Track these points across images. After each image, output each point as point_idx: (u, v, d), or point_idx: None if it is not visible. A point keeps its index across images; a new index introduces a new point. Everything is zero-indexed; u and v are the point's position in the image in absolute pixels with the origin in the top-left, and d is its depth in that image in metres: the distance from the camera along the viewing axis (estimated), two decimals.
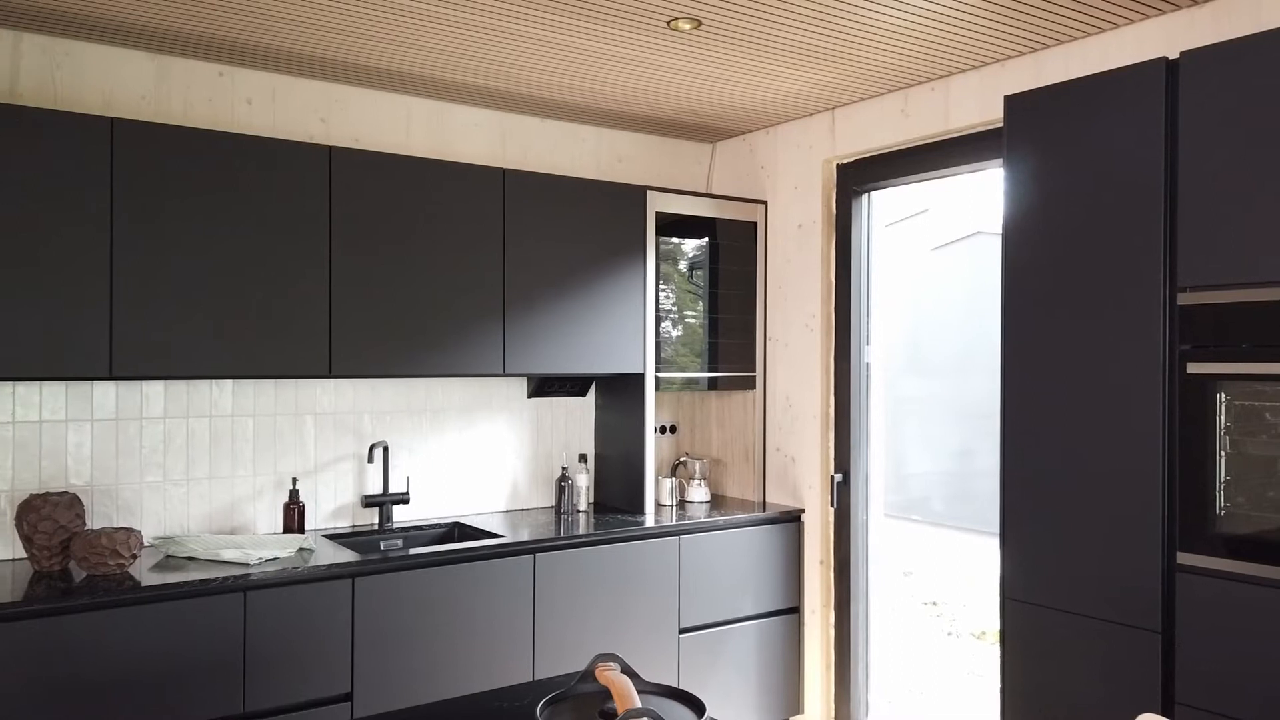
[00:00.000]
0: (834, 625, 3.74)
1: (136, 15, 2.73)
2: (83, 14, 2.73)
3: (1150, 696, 2.20)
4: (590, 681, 1.47)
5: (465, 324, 3.23)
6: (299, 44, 2.97)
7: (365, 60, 3.13)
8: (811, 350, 3.79)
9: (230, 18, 2.74)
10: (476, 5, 2.64)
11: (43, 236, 2.59)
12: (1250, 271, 2.05)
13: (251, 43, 2.96)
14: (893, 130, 3.47)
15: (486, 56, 3.08)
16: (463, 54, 3.05)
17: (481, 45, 2.97)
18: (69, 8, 2.67)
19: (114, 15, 2.73)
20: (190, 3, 2.63)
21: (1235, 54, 2.07)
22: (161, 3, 2.63)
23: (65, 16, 2.75)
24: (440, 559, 2.97)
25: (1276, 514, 2.04)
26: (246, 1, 2.62)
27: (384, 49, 3.01)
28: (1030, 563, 2.45)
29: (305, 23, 2.78)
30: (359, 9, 2.67)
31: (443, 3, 2.63)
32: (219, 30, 2.85)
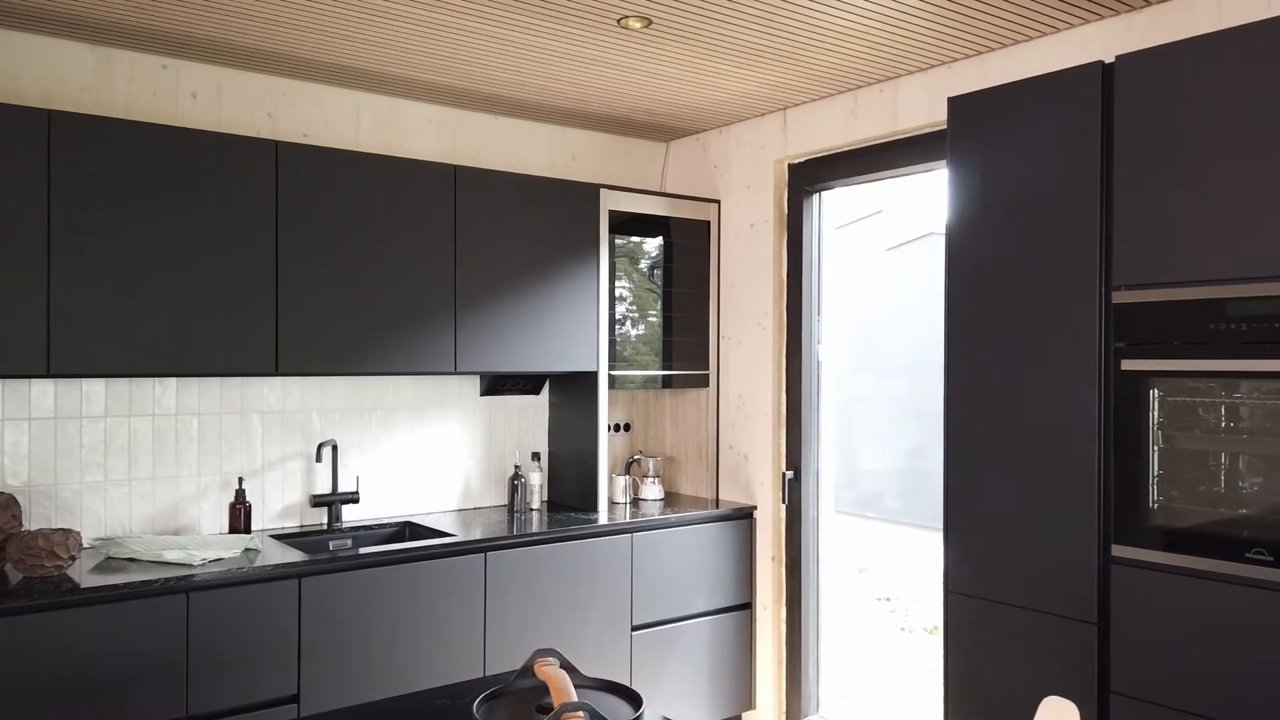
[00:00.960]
0: (785, 621, 3.77)
1: (77, 6, 2.67)
2: (21, 4, 2.66)
3: (1087, 686, 2.25)
4: (529, 677, 1.46)
5: (416, 322, 3.21)
6: (245, 37, 2.93)
7: (314, 55, 3.09)
8: (764, 348, 3.82)
9: (173, 10, 2.70)
10: (426, 1, 2.62)
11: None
12: (1180, 271, 2.10)
13: (196, 35, 2.91)
14: (843, 131, 3.51)
15: (438, 52, 3.06)
16: (414, 50, 3.03)
17: (432, 41, 2.95)
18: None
19: (53, 6, 2.67)
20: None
21: (1167, 58, 2.13)
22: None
23: (3, 6, 2.68)
24: (390, 558, 2.95)
25: (1207, 507, 2.09)
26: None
27: (333, 43, 2.98)
28: (972, 556, 2.49)
29: (251, 16, 2.75)
30: (306, 3, 2.64)
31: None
32: (162, 22, 2.80)
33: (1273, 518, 1.99)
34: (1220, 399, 2.10)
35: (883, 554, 6.86)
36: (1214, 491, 2.11)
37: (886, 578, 6.50)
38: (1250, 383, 2.05)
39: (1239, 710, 2.00)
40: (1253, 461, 2.07)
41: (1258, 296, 1.99)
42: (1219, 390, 2.10)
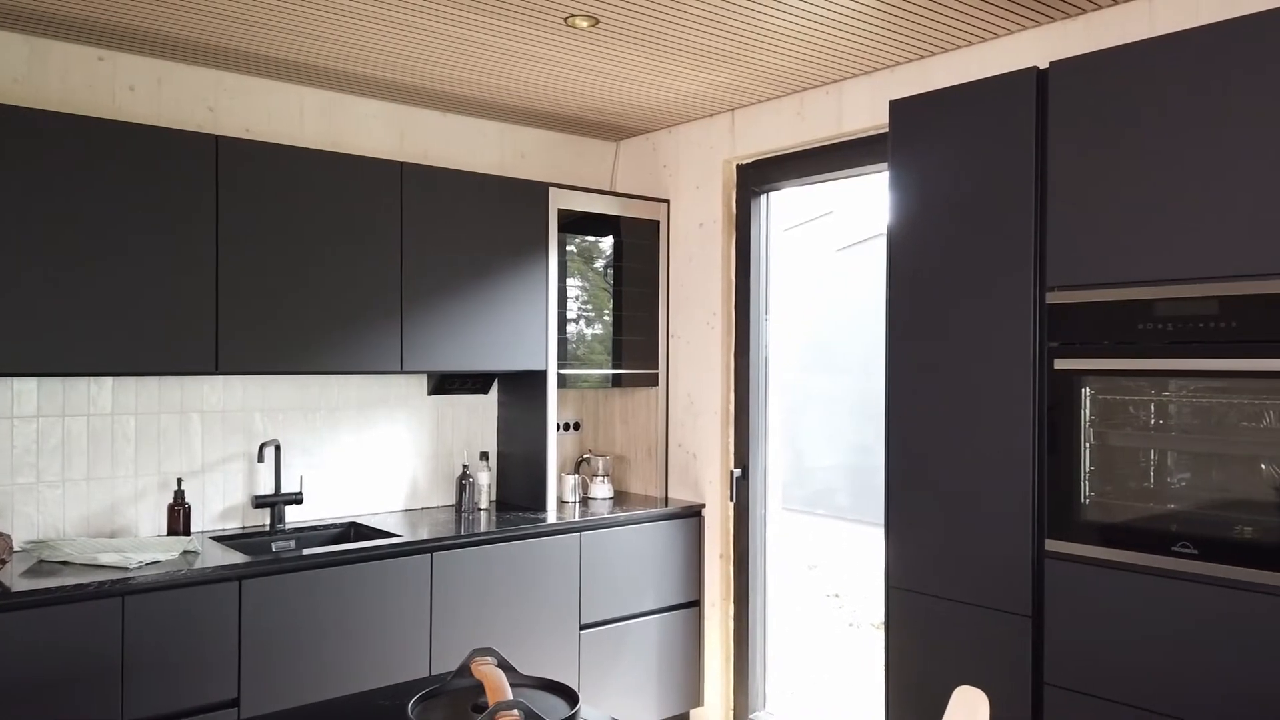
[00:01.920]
0: (733, 618, 3.80)
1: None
2: None
3: (1021, 678, 2.30)
4: (466, 676, 1.46)
5: (361, 320, 3.18)
6: (184, 29, 2.87)
7: (256, 48, 3.04)
8: (712, 348, 3.84)
9: (107, 0, 2.64)
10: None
11: None
12: (1111, 272, 2.16)
13: (132, 27, 2.85)
14: (789, 132, 3.54)
15: (384, 48, 3.03)
16: (359, 45, 3.00)
17: (378, 36, 2.92)
18: None
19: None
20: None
21: (1099, 65, 2.18)
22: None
23: None
24: (334, 560, 2.91)
25: (1136, 502, 2.15)
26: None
27: (275, 37, 2.94)
28: (912, 552, 2.53)
29: (190, 8, 2.69)
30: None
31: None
32: (96, 13, 2.74)
33: (1198, 512, 2.06)
34: (1149, 397, 2.16)
35: (833, 551, 6.94)
36: (1143, 487, 2.17)
37: (836, 574, 6.58)
38: (1178, 381, 2.11)
39: (1166, 700, 2.06)
40: (1180, 458, 2.13)
41: (1184, 298, 2.06)
42: (1148, 388, 2.16)
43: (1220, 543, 2.00)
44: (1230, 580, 1.97)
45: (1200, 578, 2.02)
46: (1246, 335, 1.97)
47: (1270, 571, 1.92)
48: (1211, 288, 2.02)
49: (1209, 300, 2.03)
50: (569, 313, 3.73)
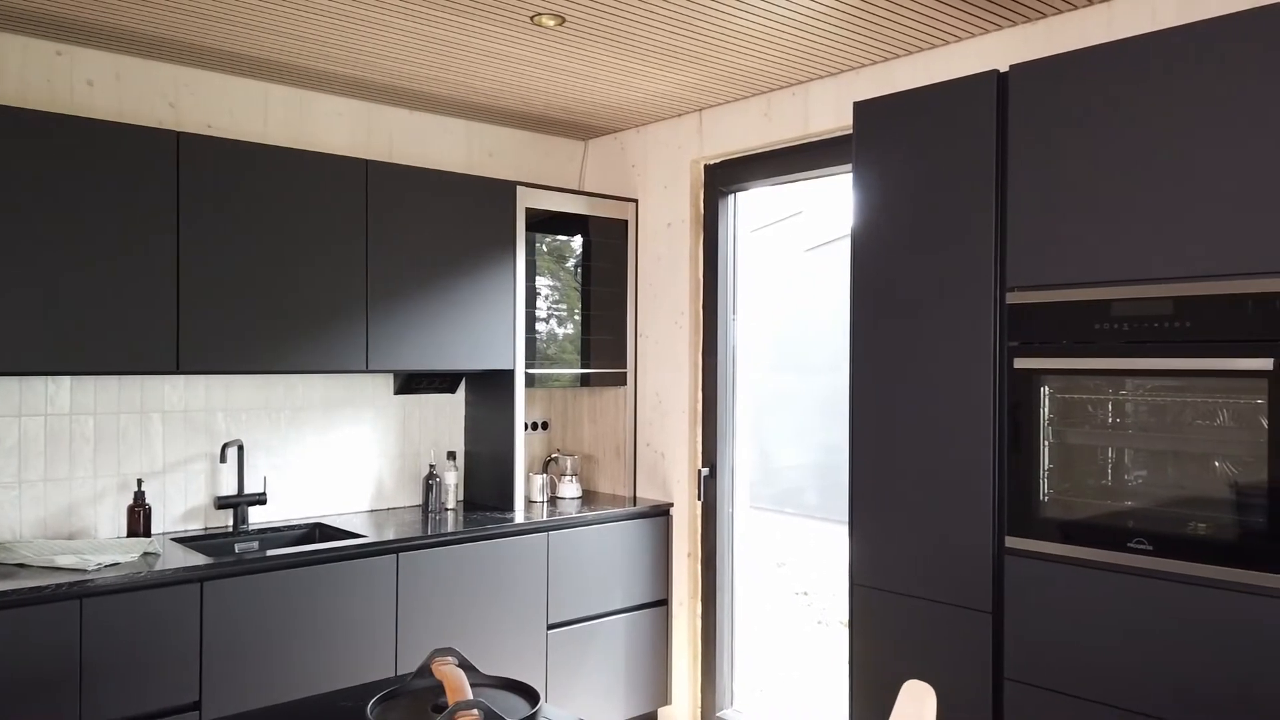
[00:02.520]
0: (701, 616, 3.81)
1: None
2: None
3: (982, 674, 2.32)
4: (427, 677, 1.45)
5: (326, 319, 3.15)
6: (144, 23, 2.83)
7: (218, 44, 3.00)
8: (681, 347, 3.85)
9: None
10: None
11: None
12: (1069, 273, 2.19)
13: (91, 21, 2.80)
14: (757, 133, 3.56)
15: (349, 45, 3.01)
16: (323, 41, 2.97)
17: (343, 33, 2.89)
18: None
19: None
20: None
21: (1056, 69, 2.21)
22: None
23: None
24: (298, 561, 2.89)
25: (1094, 499, 2.19)
26: None
27: (238, 33, 2.90)
28: (876, 549, 2.56)
29: (150, 2, 2.65)
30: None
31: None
32: (54, 7, 2.69)
33: (1154, 509, 2.09)
34: (1107, 396, 2.20)
35: (802, 549, 6.98)
36: (1101, 484, 2.20)
37: (804, 572, 6.62)
38: (1135, 380, 2.15)
39: (1123, 694, 2.09)
40: (1137, 456, 2.17)
41: (1140, 298, 2.09)
42: (1105, 387, 2.19)
43: (1175, 539, 2.03)
44: (1184, 576, 2.01)
45: (1155, 573, 2.05)
46: (1200, 335, 2.00)
47: (1223, 567, 1.96)
48: (1167, 288, 2.05)
49: (1164, 301, 2.06)
50: (538, 312, 3.72)
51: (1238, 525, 1.96)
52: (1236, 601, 1.94)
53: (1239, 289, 1.95)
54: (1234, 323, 1.96)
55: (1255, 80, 1.92)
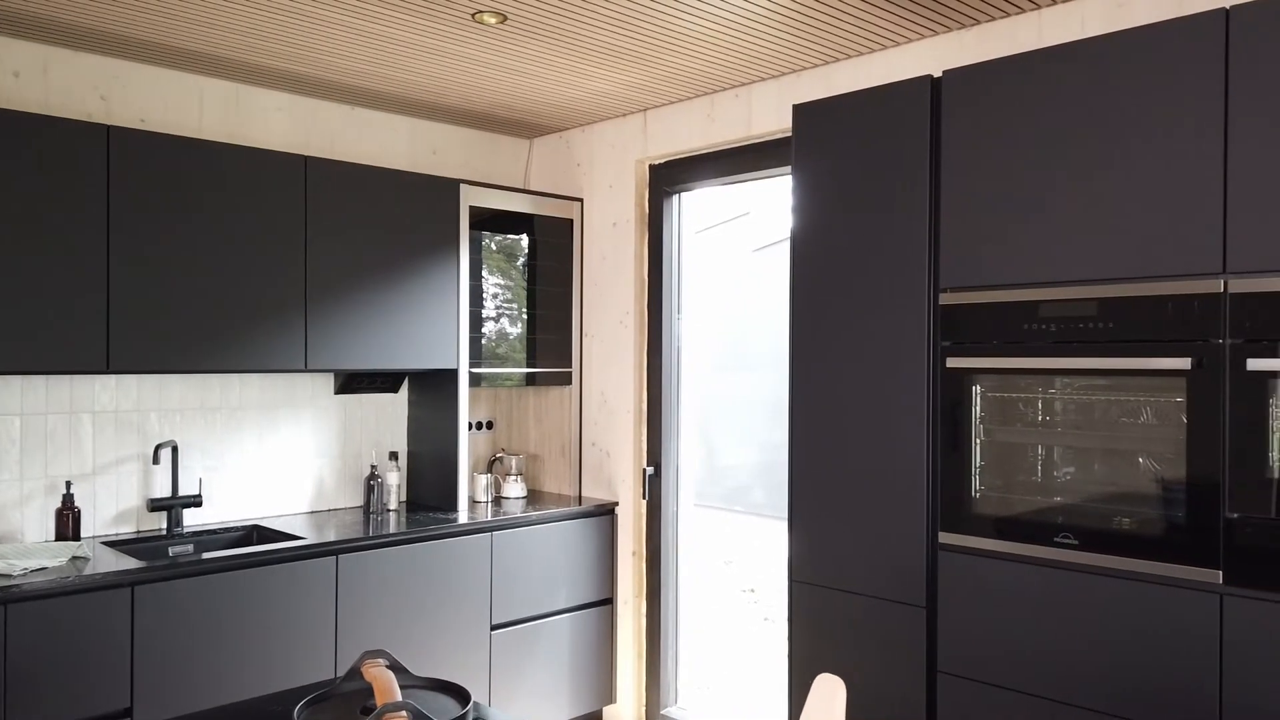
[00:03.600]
0: (646, 615, 3.83)
1: None
2: None
3: (916, 667, 2.37)
4: (357, 679, 1.44)
5: (263, 317, 3.10)
6: (73, 14, 2.75)
7: (152, 36, 2.94)
8: (626, 347, 3.86)
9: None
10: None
11: None
12: (998, 275, 2.24)
13: (17, 10, 2.72)
14: (700, 134, 3.58)
15: (286, 39, 2.96)
16: (260, 35, 2.92)
17: (280, 27, 2.85)
18: None
19: None
20: None
21: (987, 75, 2.26)
22: None
23: None
24: (233, 563, 2.83)
25: (1023, 495, 2.24)
26: None
27: (172, 25, 2.84)
28: (814, 546, 2.59)
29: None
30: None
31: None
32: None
33: (1080, 505, 2.15)
34: (1036, 395, 2.25)
35: (749, 546, 7.04)
36: (1030, 481, 2.26)
37: (751, 570, 6.68)
38: (1063, 379, 2.21)
39: (1050, 685, 2.15)
40: (1065, 453, 2.23)
41: (1066, 299, 2.15)
42: (1035, 386, 2.25)
43: (1099, 533, 2.09)
44: (1108, 569, 2.07)
45: (1080, 567, 2.11)
46: (1123, 335, 2.07)
47: (1145, 560, 2.02)
48: (1091, 290, 2.11)
49: (1089, 302, 2.12)
50: (484, 311, 3.70)
51: (1159, 520, 2.02)
52: (1158, 593, 2.00)
53: (1159, 291, 2.01)
54: (1155, 323, 2.02)
55: (1175, 88, 1.98)
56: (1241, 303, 1.90)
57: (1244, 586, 1.89)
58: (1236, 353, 1.91)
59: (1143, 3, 2.51)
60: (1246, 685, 1.89)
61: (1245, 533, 1.90)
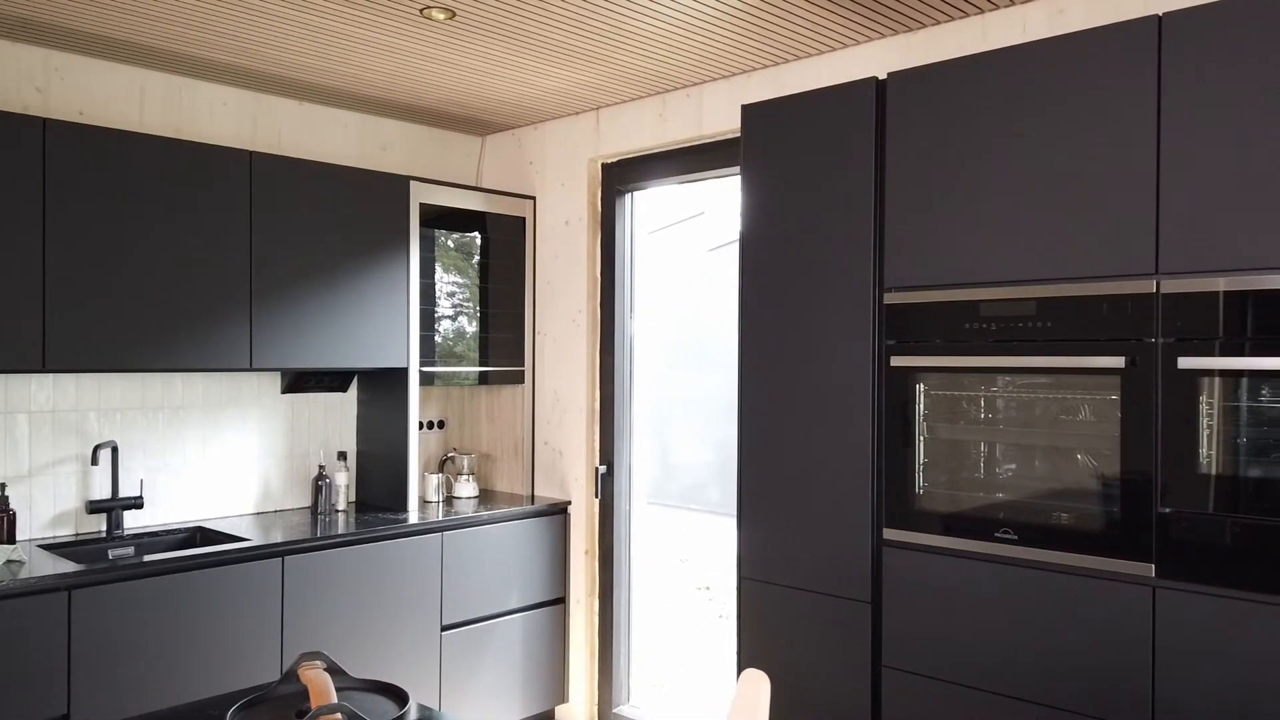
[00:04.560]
0: (598, 614, 3.83)
1: None
2: None
3: (861, 662, 2.40)
4: (293, 682, 1.42)
5: (207, 315, 3.04)
6: (8, 3, 2.68)
7: (91, 27, 2.87)
8: (579, 345, 3.85)
9: None
10: None
11: None
12: (941, 275, 2.28)
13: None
14: (652, 133, 3.59)
15: (230, 31, 2.91)
16: (204, 27, 2.87)
17: (222, 19, 2.80)
18: None
19: None
20: None
21: (930, 77, 2.30)
22: None
23: None
24: (175, 566, 2.78)
25: (966, 492, 2.28)
26: None
27: (111, 16, 2.78)
28: (762, 543, 2.61)
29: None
30: None
31: None
32: None
33: (1020, 501, 2.19)
34: (978, 392, 2.29)
35: (704, 544, 7.07)
36: (973, 477, 2.29)
37: (707, 567, 6.70)
38: (1004, 377, 2.24)
39: (991, 678, 2.18)
40: (1006, 450, 2.27)
41: (1005, 299, 2.19)
42: (977, 384, 2.29)
43: (1038, 528, 2.14)
44: (1046, 563, 2.11)
45: (1019, 561, 2.15)
46: (1061, 335, 2.11)
47: (1081, 554, 2.06)
48: (1030, 290, 2.15)
49: (1028, 302, 2.16)
50: (437, 310, 3.67)
51: (1095, 515, 2.07)
52: (1094, 587, 2.05)
53: (1095, 291, 2.05)
54: (1091, 323, 2.07)
55: (1110, 92, 2.03)
56: (1173, 303, 1.95)
57: (1175, 579, 1.94)
58: (1168, 351, 1.96)
59: (1081, 8, 2.57)
60: (1177, 675, 1.94)
61: (1177, 527, 1.95)
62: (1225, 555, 1.88)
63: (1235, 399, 1.90)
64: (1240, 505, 1.87)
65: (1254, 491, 1.86)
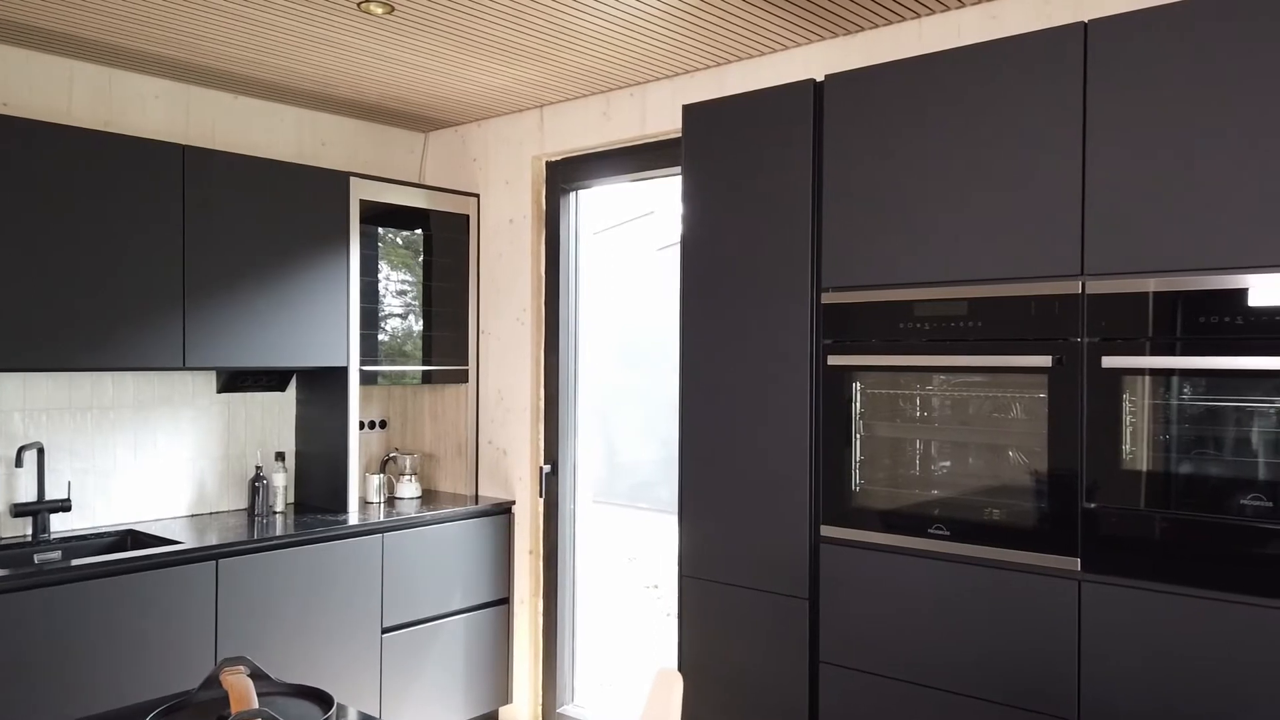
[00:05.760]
0: (543, 613, 3.81)
1: None
2: None
3: (799, 658, 2.42)
4: (215, 687, 1.39)
5: (138, 313, 2.97)
6: None
7: (15, 16, 2.78)
8: (523, 344, 3.83)
9: None
10: None
11: None
12: (876, 275, 2.30)
13: None
14: (596, 131, 3.58)
15: (164, 23, 2.83)
16: (134, 18, 2.79)
17: (155, 9, 2.73)
18: None
19: None
20: None
21: (867, 79, 2.32)
22: None
23: None
24: (103, 570, 2.71)
25: (901, 489, 2.31)
26: None
27: (37, 5, 2.69)
28: (702, 540, 2.62)
29: None
30: None
31: None
32: None
33: (953, 497, 2.23)
34: (914, 391, 2.33)
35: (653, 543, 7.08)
36: (908, 475, 2.33)
37: (655, 566, 6.71)
38: (939, 376, 2.28)
39: (925, 672, 2.22)
40: (940, 447, 2.30)
41: (938, 299, 2.22)
42: (913, 383, 2.32)
43: (970, 525, 2.17)
44: (977, 559, 2.15)
45: (951, 557, 2.19)
46: (991, 334, 2.15)
47: (1011, 550, 2.10)
48: (962, 290, 2.19)
49: (960, 302, 2.20)
50: (380, 308, 3.62)
51: (1024, 511, 2.11)
52: (1023, 581, 2.09)
53: (1023, 291, 2.10)
54: (1020, 323, 2.11)
55: (1039, 97, 2.07)
56: (1097, 303, 2.00)
57: (1100, 573, 1.99)
58: (1093, 350, 2.01)
59: (1014, 14, 2.62)
60: (1101, 665, 1.98)
61: (1101, 522, 1.99)
62: (1148, 549, 1.93)
63: (1156, 397, 1.95)
64: (1162, 501, 1.93)
65: (1176, 488, 1.92)
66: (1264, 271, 1.80)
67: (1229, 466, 1.86)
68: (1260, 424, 1.83)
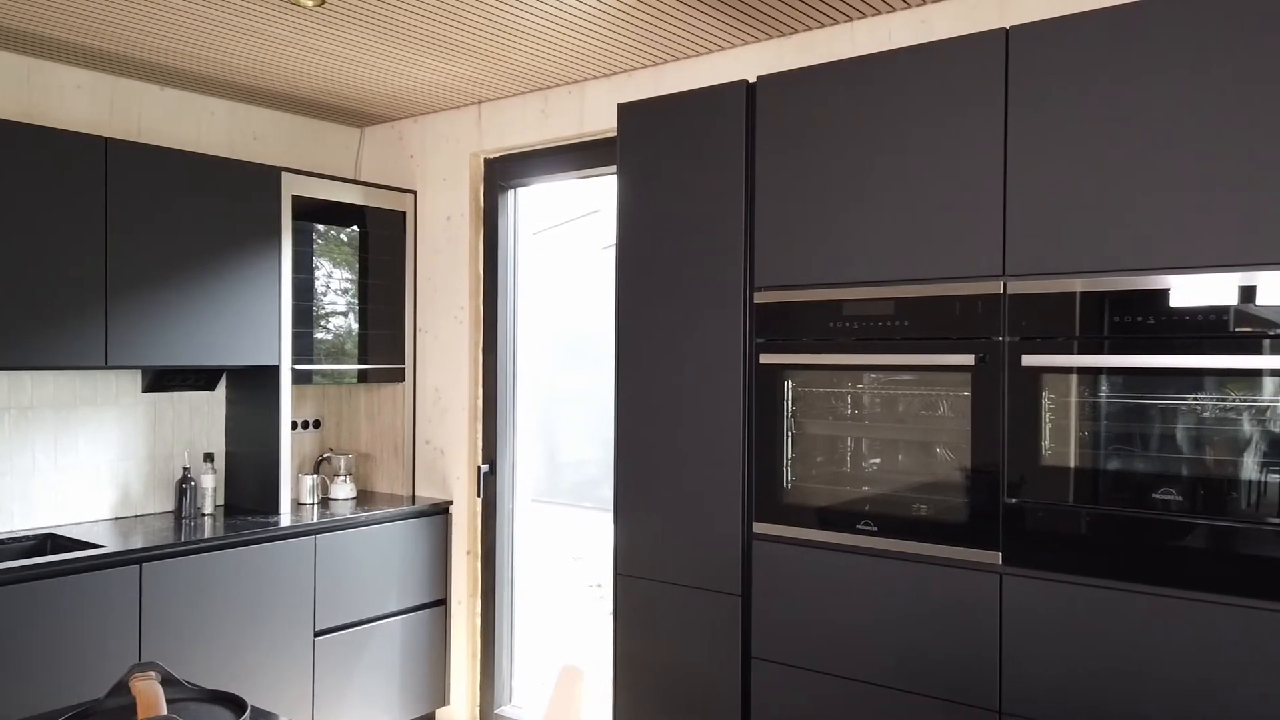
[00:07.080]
0: (480, 614, 3.78)
1: None
2: None
3: (732, 654, 2.43)
4: (123, 694, 1.35)
5: (58, 310, 2.87)
6: None
7: None
8: (461, 343, 3.80)
9: None
10: None
11: None
12: (807, 275, 2.33)
13: None
14: (535, 129, 3.56)
15: (87, 12, 2.75)
16: (55, 6, 2.70)
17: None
18: None
19: None
20: None
21: (798, 81, 2.35)
22: None
23: None
24: (18, 575, 2.62)
25: (831, 485, 2.34)
26: None
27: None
28: (637, 539, 2.62)
29: None
30: None
31: None
32: None
33: (882, 494, 2.26)
34: (844, 389, 2.36)
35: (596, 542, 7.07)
36: (838, 471, 2.36)
37: (599, 565, 6.71)
38: (869, 374, 2.31)
39: (856, 666, 2.25)
40: (870, 444, 2.34)
41: (866, 299, 2.25)
42: (844, 381, 2.35)
43: (898, 520, 2.21)
44: (904, 554, 2.19)
45: (878, 552, 2.22)
46: (917, 333, 2.19)
47: (936, 544, 2.14)
48: (889, 290, 2.22)
49: (887, 302, 2.23)
50: (316, 306, 3.56)
51: (948, 506, 2.15)
52: (947, 575, 2.13)
53: (948, 291, 2.14)
54: (945, 322, 2.15)
55: (963, 101, 2.11)
56: (1018, 303, 2.05)
57: (1020, 566, 2.04)
58: (1014, 349, 2.06)
59: (944, 20, 2.67)
60: (1022, 656, 2.03)
61: (1021, 517, 2.04)
62: (1066, 543, 1.99)
63: (1073, 395, 2.00)
64: (1079, 496, 1.98)
65: (1093, 483, 1.97)
66: (1183, 272, 1.86)
67: (1145, 462, 1.92)
68: (1175, 421, 1.89)
